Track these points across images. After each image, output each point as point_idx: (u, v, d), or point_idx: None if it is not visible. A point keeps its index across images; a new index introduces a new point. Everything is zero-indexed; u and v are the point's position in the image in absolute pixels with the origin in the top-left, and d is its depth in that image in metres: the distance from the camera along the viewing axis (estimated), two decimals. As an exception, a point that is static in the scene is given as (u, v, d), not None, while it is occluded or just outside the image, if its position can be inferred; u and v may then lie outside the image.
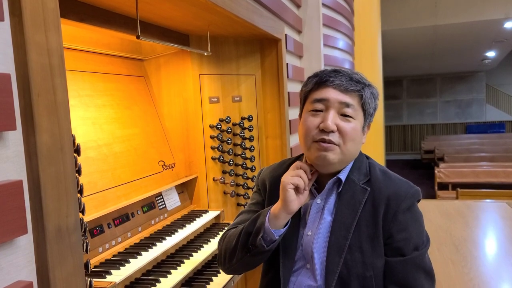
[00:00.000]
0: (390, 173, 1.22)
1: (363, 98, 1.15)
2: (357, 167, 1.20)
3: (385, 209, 1.13)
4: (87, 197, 1.55)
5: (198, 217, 2.10)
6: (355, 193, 1.16)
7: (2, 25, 0.74)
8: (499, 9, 7.81)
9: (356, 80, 1.15)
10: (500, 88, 14.71)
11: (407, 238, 1.12)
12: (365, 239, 1.12)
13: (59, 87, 0.83)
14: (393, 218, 1.12)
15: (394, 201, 1.13)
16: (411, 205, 1.15)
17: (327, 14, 3.43)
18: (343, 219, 1.14)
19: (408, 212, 1.14)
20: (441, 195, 6.71)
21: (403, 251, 1.11)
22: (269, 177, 1.31)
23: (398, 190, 1.15)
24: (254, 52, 2.38)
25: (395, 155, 14.73)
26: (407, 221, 1.13)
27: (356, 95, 1.14)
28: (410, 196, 1.14)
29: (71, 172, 0.86)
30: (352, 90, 1.13)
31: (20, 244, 0.76)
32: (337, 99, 1.12)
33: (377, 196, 1.14)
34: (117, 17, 1.64)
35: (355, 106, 1.14)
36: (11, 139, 0.75)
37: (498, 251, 2.90)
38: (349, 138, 1.12)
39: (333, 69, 1.17)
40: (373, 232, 1.12)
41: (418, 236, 1.14)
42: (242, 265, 1.21)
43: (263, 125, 2.45)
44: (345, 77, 1.14)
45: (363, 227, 1.13)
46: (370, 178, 1.18)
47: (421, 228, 1.16)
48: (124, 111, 1.95)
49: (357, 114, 1.14)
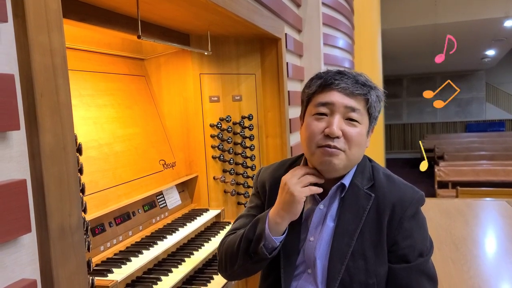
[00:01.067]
0: (394, 177, 1.20)
1: (369, 102, 1.11)
2: (360, 171, 1.17)
3: (390, 216, 1.11)
4: (89, 196, 1.56)
5: (199, 216, 2.11)
6: (358, 199, 1.13)
7: (6, 26, 0.74)
8: (499, 7, 7.81)
9: (361, 83, 1.11)
10: (500, 86, 14.70)
11: (412, 245, 1.10)
12: (369, 246, 1.10)
13: (62, 87, 0.84)
14: (398, 225, 1.10)
15: (399, 208, 1.11)
16: (416, 211, 1.13)
17: (327, 13, 3.44)
18: (346, 225, 1.12)
19: (413, 219, 1.12)
20: (441, 194, 6.72)
21: (408, 258, 1.10)
22: (269, 178, 1.29)
23: (403, 196, 1.12)
24: (254, 51, 2.39)
25: (395, 154, 14.74)
26: (412, 228, 1.11)
27: (362, 99, 1.11)
28: (415, 202, 1.13)
29: (73, 172, 0.87)
30: (358, 94, 1.10)
31: (24, 243, 0.77)
32: (343, 103, 1.09)
33: (382, 202, 1.12)
34: (118, 17, 1.65)
35: (361, 110, 1.11)
36: (15, 139, 0.76)
37: (498, 250, 2.91)
38: (355, 144, 1.10)
39: (338, 71, 1.14)
40: (377, 239, 1.10)
41: (423, 242, 1.12)
42: (243, 272, 1.20)
43: (263, 124, 2.45)
44: (350, 79, 1.11)
45: (366, 234, 1.11)
46: (374, 183, 1.15)
47: (425, 234, 1.15)
48: (125, 110, 1.96)
49: (362, 118, 1.11)
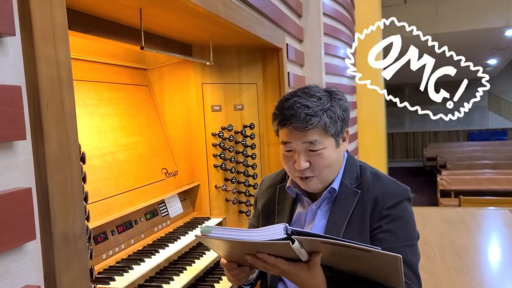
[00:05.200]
0: (380, 174, 1.28)
1: (324, 127, 1.16)
2: (348, 171, 1.26)
3: (373, 207, 1.20)
4: (92, 204, 1.57)
5: (201, 224, 2.11)
6: (347, 196, 1.23)
7: (13, 39, 0.77)
8: (500, 17, 7.86)
9: (312, 113, 1.14)
10: (502, 95, 14.70)
11: (390, 230, 1.17)
12: (355, 235, 1.19)
13: (67, 98, 0.86)
14: (379, 215, 1.19)
15: (381, 200, 1.20)
16: (398, 202, 1.20)
17: (328, 23, 3.48)
18: (336, 220, 1.22)
19: (394, 208, 1.19)
20: (443, 203, 6.70)
21: (386, 242, 1.16)
22: (268, 185, 1.42)
23: (386, 190, 1.21)
24: (255, 61, 2.42)
25: (397, 162, 14.70)
26: (392, 216, 1.19)
27: (316, 129, 1.16)
28: (396, 195, 1.20)
29: (77, 180, 0.89)
30: (311, 128, 1.15)
31: (28, 250, 0.78)
32: (300, 140, 1.17)
33: (366, 195, 1.22)
34: (121, 28, 1.68)
35: (319, 139, 1.17)
36: (20, 148, 0.78)
37: (501, 259, 2.90)
38: (323, 167, 1.19)
39: (290, 104, 1.17)
40: (362, 228, 1.20)
41: (403, 231, 1.19)
42: None
43: (265, 133, 2.47)
44: (300, 114, 1.14)
45: (353, 225, 1.20)
46: (361, 182, 1.25)
47: (407, 224, 1.20)
48: (128, 119, 1.98)
49: (324, 143, 1.18)
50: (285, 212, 1.31)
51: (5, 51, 0.75)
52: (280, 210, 1.33)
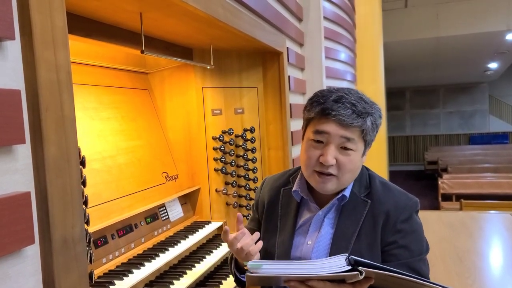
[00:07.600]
0: (390, 185, 1.27)
1: (364, 131, 1.15)
2: (358, 180, 1.24)
3: (385, 221, 1.18)
4: (92, 208, 1.57)
5: (201, 228, 2.11)
6: (356, 206, 1.21)
7: (13, 44, 0.77)
8: (501, 21, 7.87)
9: (358, 112, 1.13)
10: (503, 99, 14.70)
11: (404, 246, 1.17)
12: (365, 248, 1.17)
13: (66, 102, 0.87)
14: (392, 229, 1.17)
15: (394, 214, 1.18)
16: (410, 216, 1.20)
17: (329, 27, 3.48)
18: (344, 230, 1.19)
19: (406, 223, 1.19)
20: (444, 206, 6.68)
21: (400, 257, 1.16)
22: (269, 188, 1.38)
23: (397, 203, 1.20)
24: (256, 65, 2.42)
25: (398, 166, 14.69)
26: (406, 230, 1.18)
27: (357, 130, 1.15)
28: (408, 208, 1.20)
29: (77, 184, 0.89)
30: (354, 126, 1.13)
31: (27, 254, 0.78)
32: (338, 134, 1.14)
33: (377, 208, 1.19)
34: (122, 32, 1.68)
35: (356, 139, 1.15)
36: (20, 152, 0.78)
37: (503, 263, 2.89)
38: (347, 170, 1.16)
39: (337, 97, 1.15)
40: (372, 241, 1.17)
41: (415, 244, 1.19)
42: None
43: (265, 137, 2.47)
44: (347, 109, 1.13)
45: (363, 237, 1.18)
46: (370, 191, 1.23)
47: (418, 236, 1.20)
48: (129, 123, 1.98)
49: (357, 145, 1.16)
50: (289, 217, 1.28)
51: (5, 55, 0.75)
52: (283, 215, 1.30)
